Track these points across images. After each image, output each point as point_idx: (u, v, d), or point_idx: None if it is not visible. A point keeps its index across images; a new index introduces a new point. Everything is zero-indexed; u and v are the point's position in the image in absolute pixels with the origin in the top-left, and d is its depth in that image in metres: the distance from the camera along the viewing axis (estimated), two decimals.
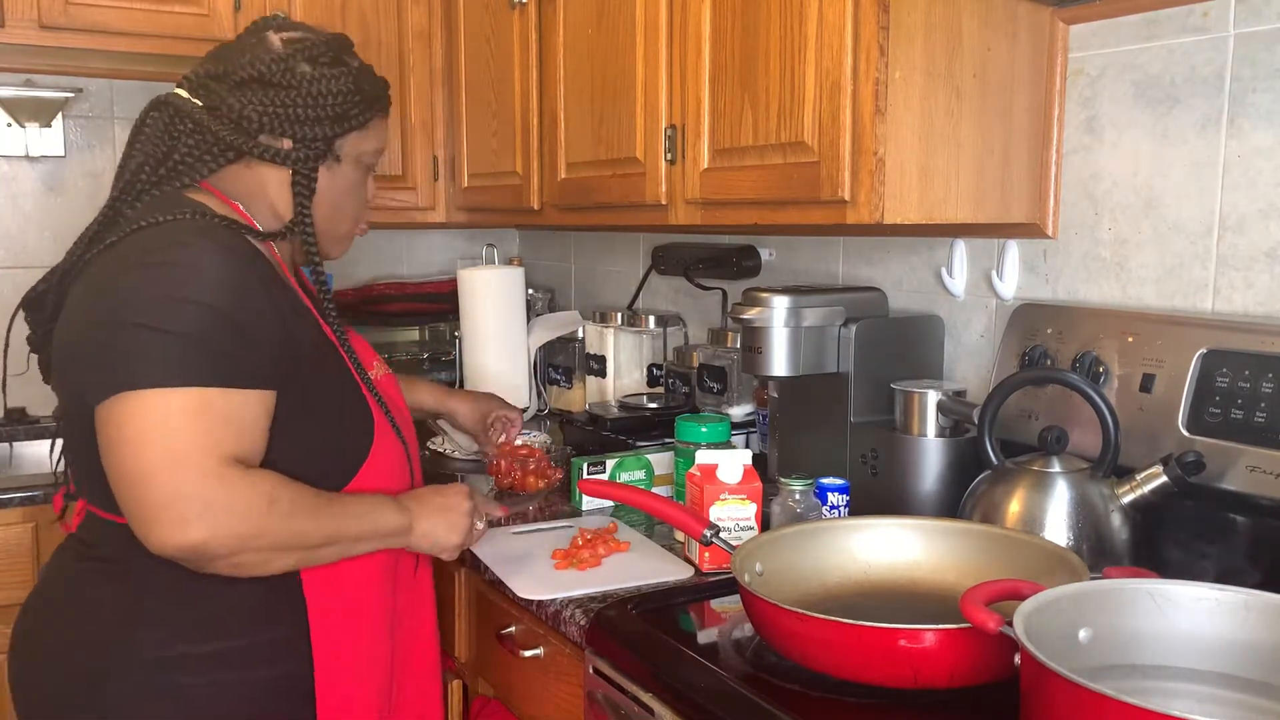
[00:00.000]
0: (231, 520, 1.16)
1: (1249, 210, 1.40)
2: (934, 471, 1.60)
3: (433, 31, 2.61)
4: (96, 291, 1.24)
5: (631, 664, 1.26)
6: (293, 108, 1.33)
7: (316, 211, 1.39)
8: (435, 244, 3.15)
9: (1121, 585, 1.03)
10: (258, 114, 1.33)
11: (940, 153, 1.47)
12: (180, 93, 1.36)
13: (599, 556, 1.57)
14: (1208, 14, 1.42)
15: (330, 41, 1.40)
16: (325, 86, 1.35)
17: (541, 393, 2.65)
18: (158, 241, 1.23)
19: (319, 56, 1.37)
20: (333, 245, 1.46)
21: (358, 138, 1.41)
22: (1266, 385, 1.30)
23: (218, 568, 1.20)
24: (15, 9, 2.23)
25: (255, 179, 1.36)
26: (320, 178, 1.38)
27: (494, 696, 1.71)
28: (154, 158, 1.34)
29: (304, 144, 1.35)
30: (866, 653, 1.07)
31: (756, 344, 1.68)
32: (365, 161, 1.44)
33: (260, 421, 1.22)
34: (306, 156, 1.36)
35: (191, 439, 1.15)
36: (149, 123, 1.36)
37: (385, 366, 1.53)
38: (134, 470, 1.15)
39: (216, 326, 1.18)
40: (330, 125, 1.36)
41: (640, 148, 1.85)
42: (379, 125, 1.44)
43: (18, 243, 2.69)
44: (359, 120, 1.39)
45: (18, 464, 2.54)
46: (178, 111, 1.35)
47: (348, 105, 1.37)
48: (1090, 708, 0.81)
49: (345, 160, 1.40)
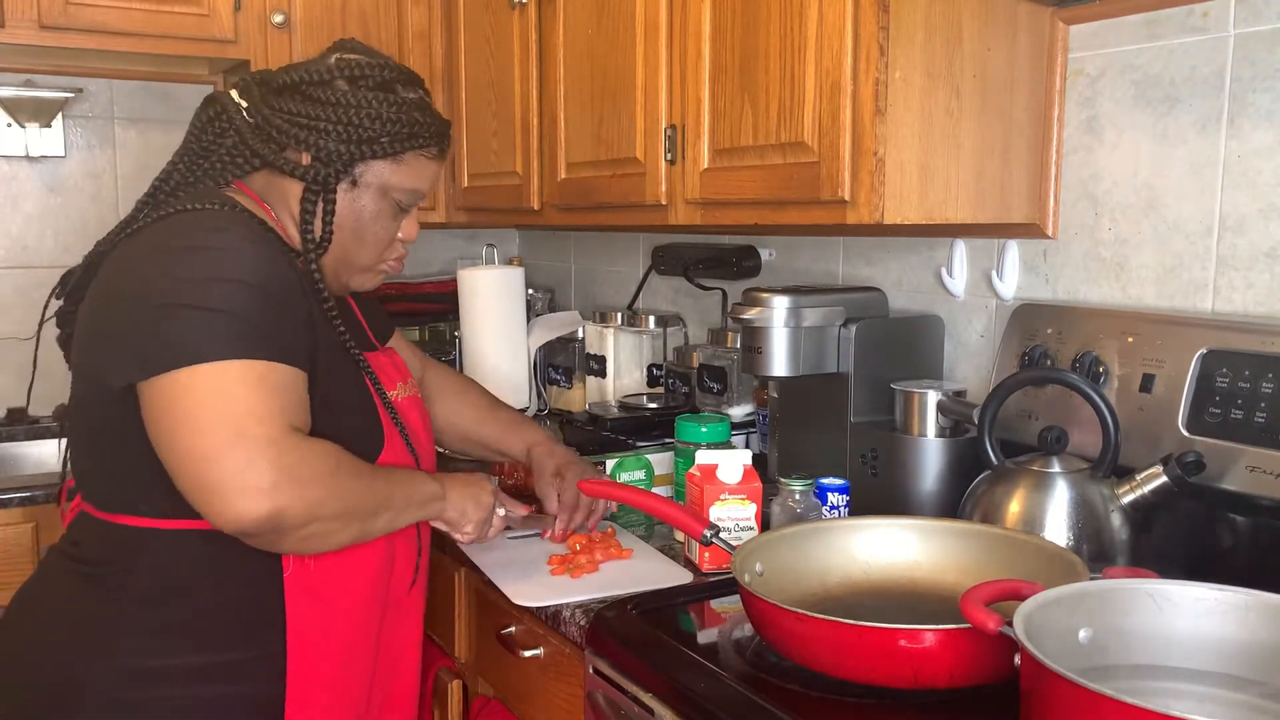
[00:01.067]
0: (304, 487, 1.16)
1: (1249, 210, 1.40)
2: (934, 471, 1.60)
3: (433, 31, 2.61)
4: (128, 274, 1.23)
5: (631, 664, 1.26)
6: (318, 121, 1.30)
7: (335, 235, 1.34)
8: (435, 244, 3.15)
9: (1121, 585, 1.03)
10: (284, 123, 1.31)
11: (940, 153, 1.47)
12: (231, 93, 1.36)
13: (596, 563, 1.56)
14: (1208, 14, 1.42)
15: (384, 67, 1.35)
16: (358, 107, 1.31)
17: (541, 393, 2.65)
18: (191, 226, 1.23)
19: (362, 78, 1.33)
20: (352, 275, 1.41)
21: (387, 169, 1.35)
22: (1266, 385, 1.30)
23: (288, 543, 1.19)
24: (15, 9, 2.23)
25: (280, 189, 1.35)
26: (340, 201, 1.34)
27: (494, 696, 1.71)
28: (192, 153, 1.35)
29: (322, 161, 1.31)
30: (866, 653, 1.07)
31: (756, 344, 1.68)
32: (395, 197, 1.37)
33: (305, 395, 1.22)
34: (321, 175, 1.31)
35: (254, 408, 1.14)
36: (197, 118, 1.36)
37: (414, 388, 1.52)
38: (196, 446, 1.13)
39: (258, 303, 1.18)
40: (353, 146, 1.31)
41: (640, 148, 1.85)
42: (417, 163, 1.37)
43: (18, 243, 2.69)
44: (387, 149, 1.33)
45: (18, 464, 2.54)
46: (222, 109, 1.34)
47: (378, 131, 1.31)
48: (1090, 708, 0.81)
49: (367, 188, 1.35)
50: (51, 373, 1.44)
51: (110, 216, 2.75)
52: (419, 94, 1.39)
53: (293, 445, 1.16)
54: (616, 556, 1.59)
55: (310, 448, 1.18)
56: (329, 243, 1.34)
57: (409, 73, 1.39)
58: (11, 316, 2.67)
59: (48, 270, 2.69)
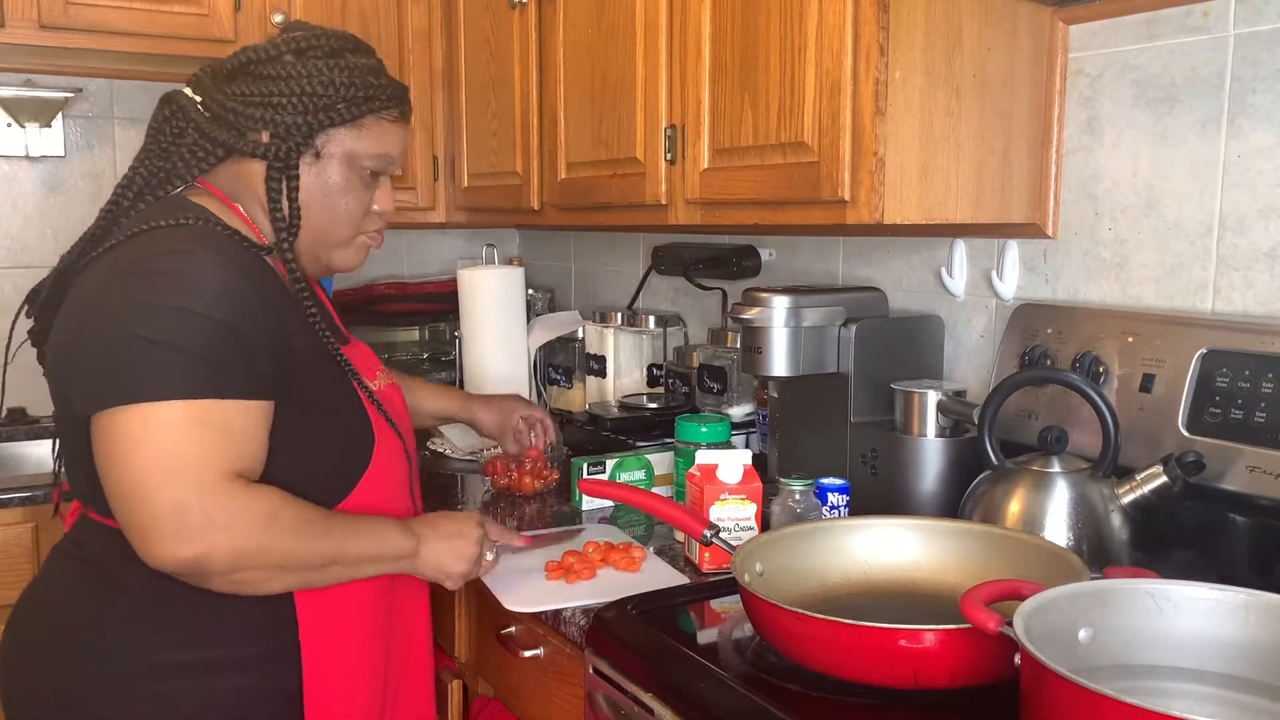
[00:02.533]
0: (230, 536, 1.14)
1: (1249, 210, 1.40)
2: (934, 471, 1.60)
3: (433, 31, 2.61)
4: (93, 297, 1.22)
5: (631, 664, 1.26)
6: (271, 97, 1.29)
7: (306, 215, 1.33)
8: (435, 244, 3.15)
9: (1121, 585, 1.03)
10: (239, 105, 1.30)
11: (940, 153, 1.47)
12: (185, 90, 1.35)
13: (593, 569, 1.53)
14: (1208, 14, 1.42)
15: (327, 35, 1.34)
16: (308, 77, 1.29)
17: (541, 393, 2.65)
18: (156, 247, 1.22)
19: (309, 49, 1.32)
20: (330, 253, 1.38)
21: (349, 136, 1.33)
22: (1266, 385, 1.30)
23: (216, 584, 1.18)
24: (15, 9, 2.23)
25: (246, 177, 1.33)
26: (303, 175, 1.32)
27: (494, 696, 1.71)
28: (153, 154, 1.34)
29: (280, 136, 1.30)
30: (866, 653, 1.06)
31: (756, 344, 1.68)
32: (362, 164, 1.35)
33: (260, 433, 1.21)
34: (282, 150, 1.30)
35: (190, 452, 1.14)
36: (154, 119, 1.35)
37: (389, 377, 1.51)
38: (132, 483, 1.13)
39: (215, 337, 1.17)
40: (310, 116, 1.29)
41: (640, 148, 1.85)
42: (378, 126, 1.35)
43: (18, 243, 2.69)
44: (345, 115, 1.31)
45: (18, 464, 2.54)
46: (179, 108, 1.34)
47: (333, 98, 1.30)
48: (1090, 708, 0.81)
49: (331, 158, 1.33)
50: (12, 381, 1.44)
51: None
52: (371, 60, 1.37)
53: (223, 493, 1.14)
54: (624, 568, 1.54)
55: (246, 497, 1.16)
56: (298, 221, 1.33)
57: (358, 40, 1.38)
58: (11, 316, 2.66)
59: (48, 270, 2.69)
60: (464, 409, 1.88)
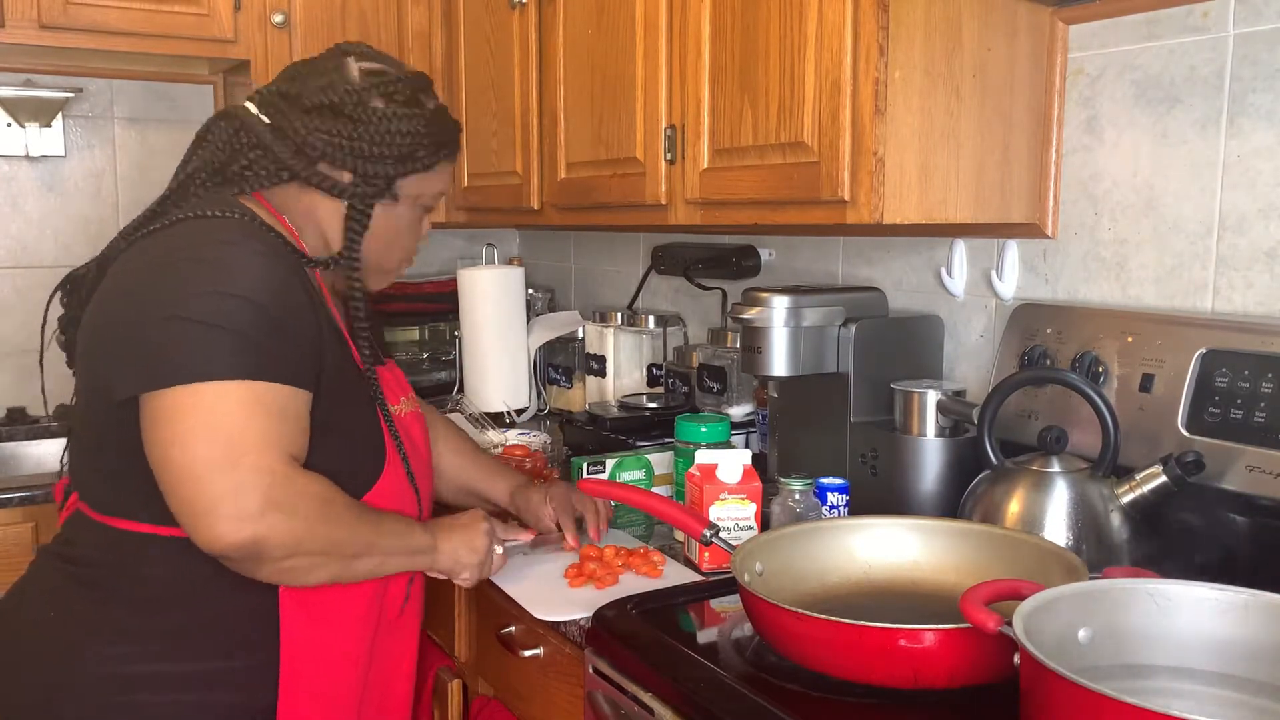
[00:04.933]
0: (289, 519, 1.15)
1: (1249, 210, 1.40)
2: (934, 471, 1.60)
3: (433, 31, 2.61)
4: (136, 283, 1.22)
5: (631, 664, 1.26)
6: (359, 142, 1.31)
7: (367, 247, 1.36)
8: (435, 244, 3.15)
9: (1121, 585, 1.03)
10: (323, 143, 1.30)
11: (940, 152, 1.47)
12: (249, 106, 1.35)
13: (615, 575, 1.51)
14: (1208, 14, 1.42)
15: (409, 80, 1.37)
16: (396, 126, 1.32)
17: (541, 393, 2.65)
18: (203, 237, 1.22)
19: (395, 94, 1.34)
20: (377, 279, 1.44)
21: (420, 180, 1.37)
22: (1266, 385, 1.30)
23: (265, 571, 1.18)
24: (15, 9, 2.23)
25: (307, 203, 1.34)
26: (376, 215, 1.35)
27: (494, 696, 1.71)
28: (211, 165, 1.34)
29: (364, 180, 1.32)
30: (866, 653, 1.07)
31: (756, 344, 1.68)
32: (424, 203, 1.41)
33: (305, 419, 1.22)
34: (364, 193, 1.33)
35: (250, 434, 1.14)
36: (213, 132, 1.35)
37: (415, 404, 1.51)
38: (189, 464, 1.13)
39: (263, 322, 1.17)
40: (394, 165, 1.33)
41: (640, 148, 1.85)
42: (445, 168, 1.41)
43: (18, 243, 2.69)
44: (425, 163, 1.36)
45: (18, 464, 2.54)
46: (243, 125, 1.33)
47: (415, 147, 1.34)
48: (1090, 708, 0.81)
49: (404, 200, 1.37)
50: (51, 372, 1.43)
51: (110, 216, 2.75)
52: (437, 101, 1.41)
53: (285, 475, 1.15)
54: (645, 573, 1.53)
55: (303, 481, 1.17)
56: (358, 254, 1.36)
57: (424, 78, 1.41)
58: (12, 317, 2.67)
59: (48, 270, 2.69)
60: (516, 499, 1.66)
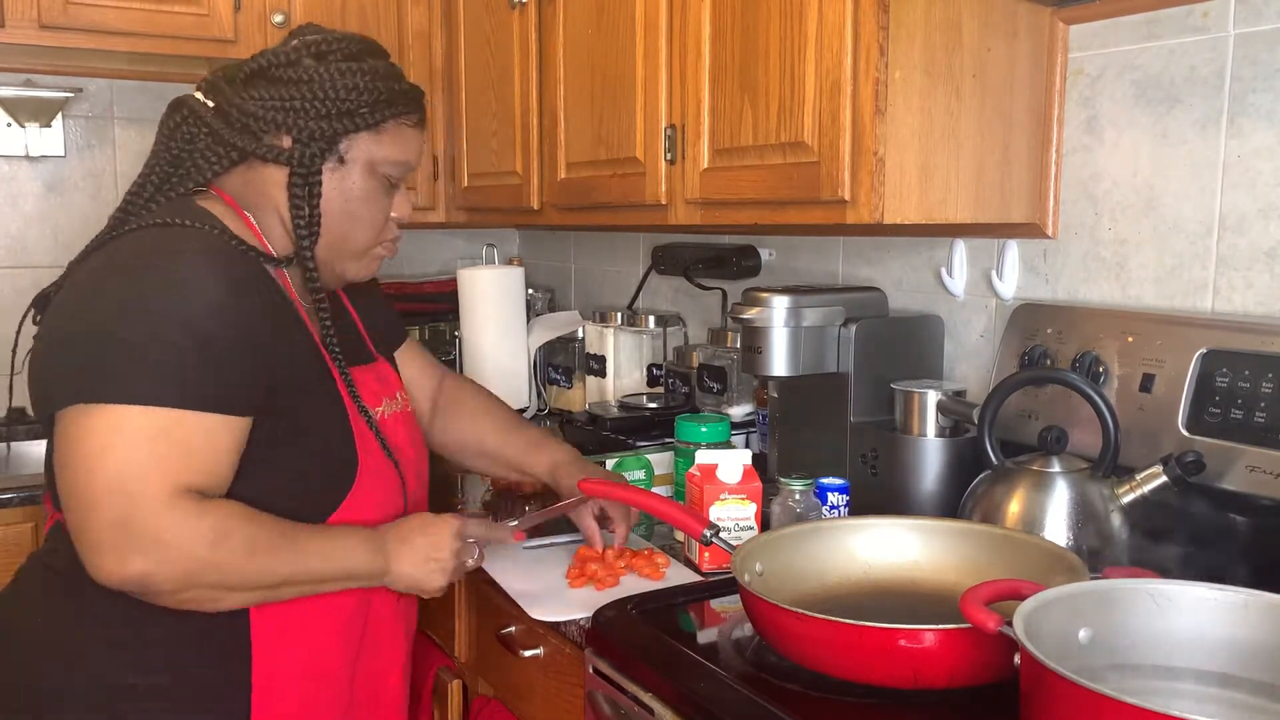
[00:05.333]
0: (176, 555, 1.11)
1: (1249, 210, 1.40)
2: (934, 471, 1.60)
3: (433, 31, 2.61)
4: (76, 297, 1.20)
5: (631, 664, 1.26)
6: (292, 101, 1.27)
7: (326, 225, 1.30)
8: (435, 244, 3.15)
9: (1121, 585, 1.03)
10: (259, 109, 1.27)
11: (940, 153, 1.47)
12: (196, 94, 1.32)
13: (617, 576, 1.51)
14: (1208, 14, 1.42)
15: (345, 39, 1.32)
16: (332, 80, 1.27)
17: (541, 393, 2.65)
18: (152, 246, 1.19)
19: (329, 53, 1.29)
20: (347, 261, 1.36)
21: (370, 141, 1.30)
22: (1266, 385, 1.30)
23: (164, 602, 1.15)
24: (15, 9, 2.23)
25: (261, 183, 1.30)
26: (325, 181, 1.29)
27: (494, 696, 1.71)
28: (165, 160, 1.31)
29: (304, 141, 1.27)
30: (866, 653, 1.06)
31: (756, 344, 1.68)
32: (382, 171, 1.33)
33: (228, 450, 1.17)
34: (305, 155, 1.27)
35: (143, 464, 1.10)
36: (164, 125, 1.33)
37: (403, 404, 1.46)
38: (83, 491, 1.10)
39: (194, 346, 1.13)
40: (333, 121, 1.27)
41: (640, 147, 1.85)
42: (399, 132, 1.33)
43: (18, 243, 2.70)
44: (368, 120, 1.29)
45: (18, 464, 2.54)
46: (191, 112, 1.31)
47: (355, 103, 1.28)
48: (1090, 708, 0.81)
49: (354, 164, 1.30)
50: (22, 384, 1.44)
51: None
52: (390, 64, 1.35)
53: (172, 510, 1.10)
54: (648, 575, 1.52)
55: (193, 515, 1.12)
56: (319, 229, 1.30)
57: (374, 43, 1.36)
58: (11, 316, 2.64)
59: (48, 270, 2.68)
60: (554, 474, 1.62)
